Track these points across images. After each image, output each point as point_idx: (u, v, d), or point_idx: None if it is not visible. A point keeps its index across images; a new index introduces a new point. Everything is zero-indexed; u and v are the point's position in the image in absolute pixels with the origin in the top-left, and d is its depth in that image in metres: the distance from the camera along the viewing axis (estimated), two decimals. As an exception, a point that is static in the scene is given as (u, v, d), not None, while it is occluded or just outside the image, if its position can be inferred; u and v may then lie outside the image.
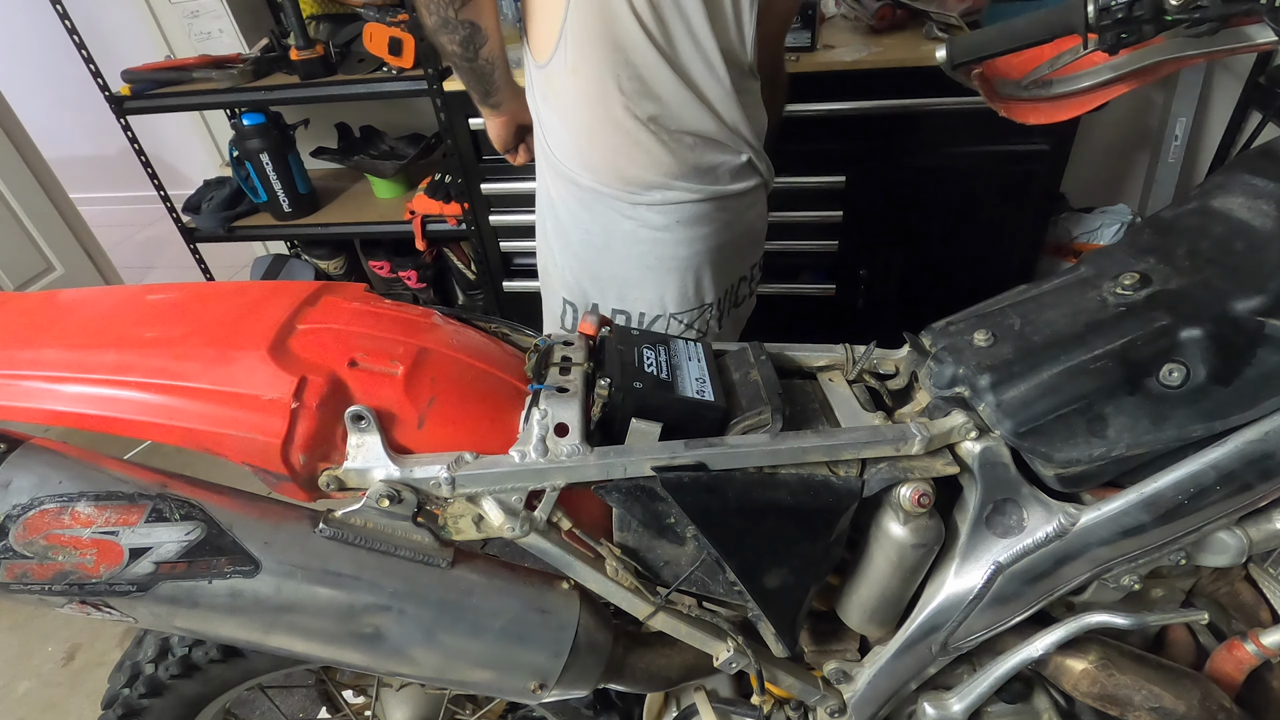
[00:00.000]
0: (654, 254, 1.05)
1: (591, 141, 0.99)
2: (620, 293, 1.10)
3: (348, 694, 1.00)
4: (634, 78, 0.94)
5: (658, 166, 0.99)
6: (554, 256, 1.15)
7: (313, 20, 2.04)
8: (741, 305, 1.22)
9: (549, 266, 1.19)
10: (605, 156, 0.99)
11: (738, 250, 1.12)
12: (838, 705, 0.76)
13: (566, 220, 1.09)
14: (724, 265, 1.10)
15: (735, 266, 1.14)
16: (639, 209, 1.02)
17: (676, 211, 1.02)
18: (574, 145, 1.01)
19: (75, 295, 0.62)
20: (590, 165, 1.00)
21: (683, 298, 1.09)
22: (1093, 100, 0.76)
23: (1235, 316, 0.56)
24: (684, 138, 0.98)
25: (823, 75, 1.67)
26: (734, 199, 1.06)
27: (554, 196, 1.09)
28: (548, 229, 1.15)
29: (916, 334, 0.70)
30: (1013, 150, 1.73)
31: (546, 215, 1.14)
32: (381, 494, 0.56)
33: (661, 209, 1.02)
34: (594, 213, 1.04)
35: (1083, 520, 0.61)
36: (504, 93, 1.10)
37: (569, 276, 1.14)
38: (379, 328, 0.61)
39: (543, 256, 1.20)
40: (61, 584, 0.53)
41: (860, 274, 1.97)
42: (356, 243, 2.59)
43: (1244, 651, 0.69)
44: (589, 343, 0.69)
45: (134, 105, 2.12)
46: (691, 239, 1.04)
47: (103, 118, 2.22)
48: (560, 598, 0.67)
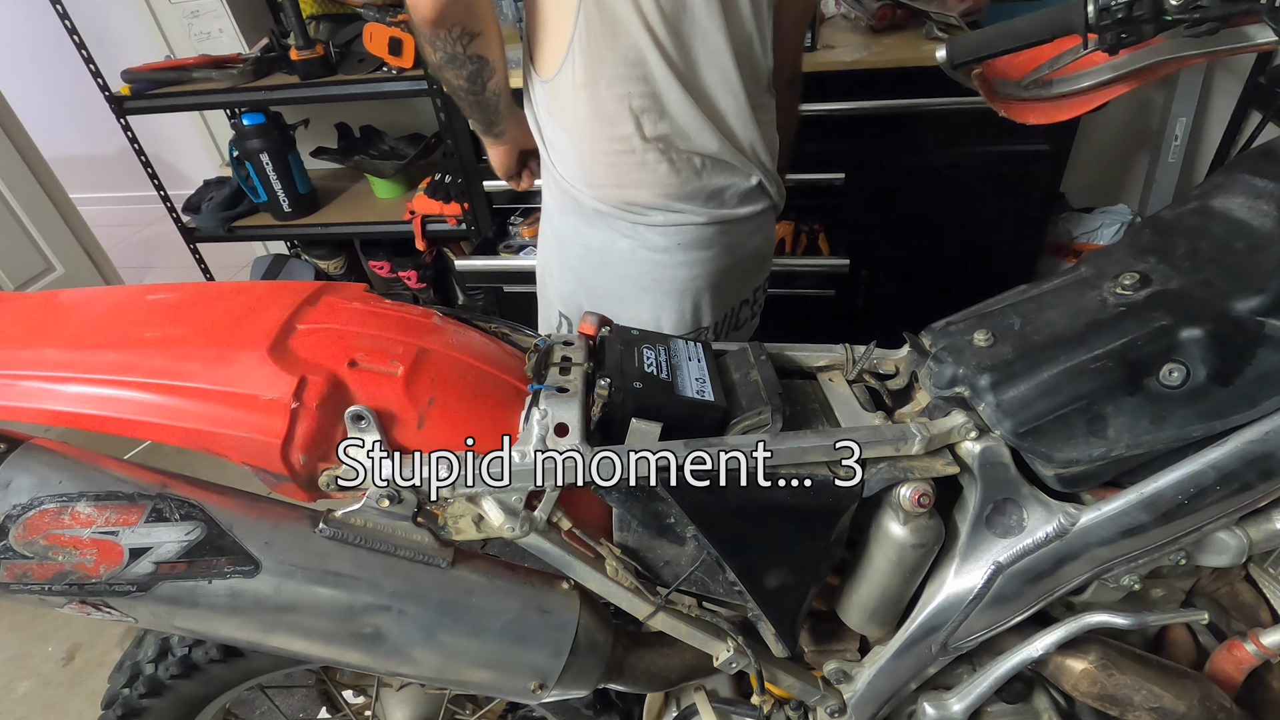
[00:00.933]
0: (651, 275, 1.02)
1: (595, 158, 0.96)
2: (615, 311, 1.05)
3: (348, 694, 1.00)
4: (646, 95, 0.91)
5: (663, 187, 0.96)
6: (551, 268, 1.14)
7: (313, 20, 2.04)
8: (742, 328, 1.19)
9: (546, 277, 1.17)
10: (608, 175, 0.96)
11: (740, 274, 1.09)
12: (838, 705, 0.76)
13: (565, 233, 1.07)
14: (724, 289, 1.07)
15: (736, 290, 1.11)
16: (639, 229, 0.99)
17: (679, 234, 0.99)
18: (577, 161, 0.98)
19: (75, 295, 0.62)
20: (592, 182, 0.98)
21: (679, 320, 1.06)
22: (1093, 100, 0.76)
23: (1235, 316, 0.56)
24: (693, 159, 0.96)
25: (823, 75, 1.67)
26: (739, 223, 1.03)
27: (553, 209, 1.08)
28: (547, 239, 1.14)
29: (916, 334, 0.70)
30: (1013, 150, 1.73)
31: (546, 226, 1.13)
32: (381, 494, 0.56)
33: (663, 230, 0.99)
34: (594, 229, 1.02)
35: (1083, 520, 0.61)
36: (507, 121, 1.07)
37: (565, 289, 1.12)
38: (379, 328, 0.61)
39: (541, 266, 1.19)
40: (61, 584, 0.53)
41: (860, 274, 1.97)
42: (356, 243, 2.59)
43: (1244, 651, 0.69)
44: (589, 343, 0.69)
45: (134, 105, 2.12)
46: (692, 262, 1.01)
47: (103, 118, 2.22)
48: (560, 598, 0.67)
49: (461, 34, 0.88)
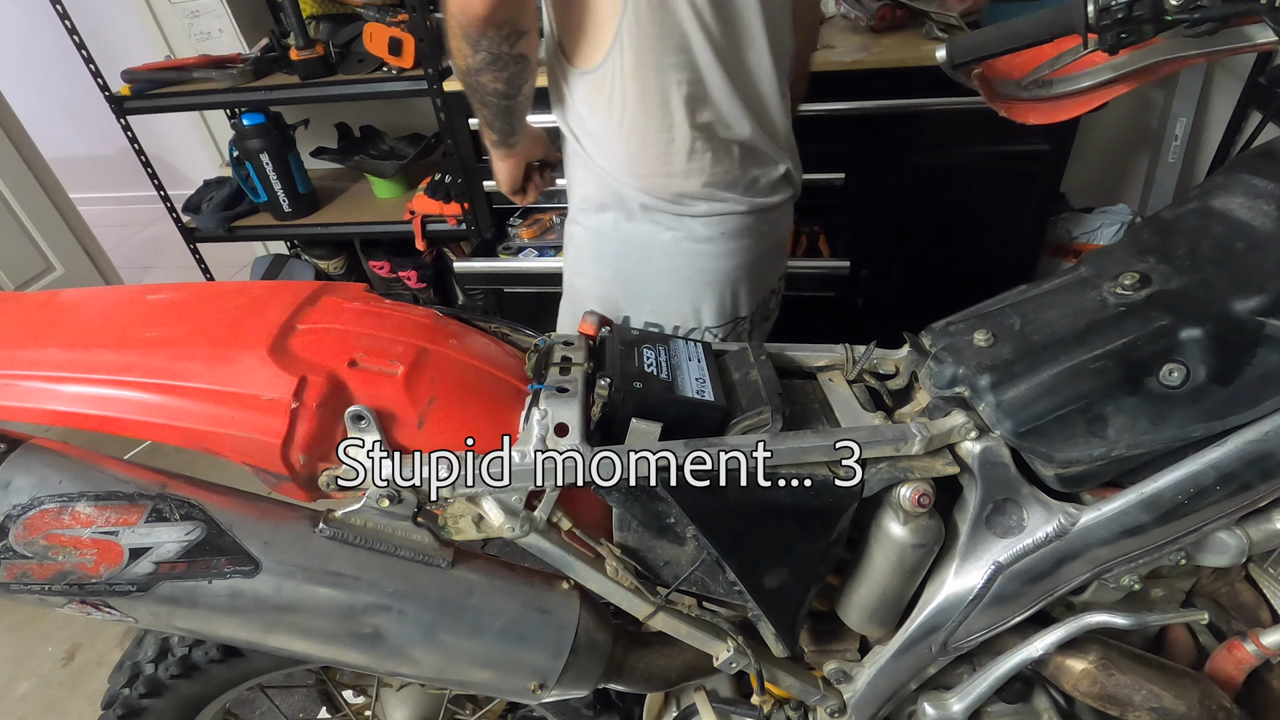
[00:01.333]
0: (693, 266, 1.03)
1: (644, 148, 0.95)
2: (654, 306, 1.07)
3: (348, 694, 1.00)
4: (693, 82, 0.91)
5: (708, 176, 0.96)
6: (583, 267, 1.12)
7: (313, 20, 2.04)
8: (770, 319, 1.20)
9: (576, 280, 1.15)
10: (656, 165, 0.96)
11: (769, 262, 1.10)
12: (838, 705, 0.76)
13: (604, 230, 1.05)
14: (758, 278, 1.08)
15: (766, 279, 1.12)
16: (683, 220, 0.99)
17: (721, 223, 1.00)
18: (624, 153, 0.97)
19: (75, 295, 0.62)
20: (639, 173, 0.97)
21: (720, 310, 1.06)
22: (1093, 100, 0.76)
23: (1235, 316, 0.56)
24: (732, 147, 0.96)
25: (822, 75, 1.66)
26: (770, 211, 1.04)
27: (588, 206, 1.06)
28: (579, 239, 1.11)
29: (916, 334, 0.70)
30: (1013, 150, 1.73)
31: (577, 226, 1.11)
32: (381, 494, 0.56)
33: (706, 220, 0.99)
34: (635, 223, 1.02)
35: (1083, 520, 0.61)
36: (523, 130, 1.04)
37: (599, 288, 1.10)
38: (379, 328, 0.61)
39: (572, 267, 1.16)
40: (61, 584, 0.53)
41: (860, 274, 1.97)
42: (356, 243, 2.59)
43: (1244, 651, 0.69)
44: (589, 343, 0.69)
45: (134, 105, 2.12)
46: (733, 251, 1.02)
47: (103, 118, 2.22)
48: (560, 598, 0.67)
49: (510, 32, 0.86)
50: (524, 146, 1.08)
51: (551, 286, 1.92)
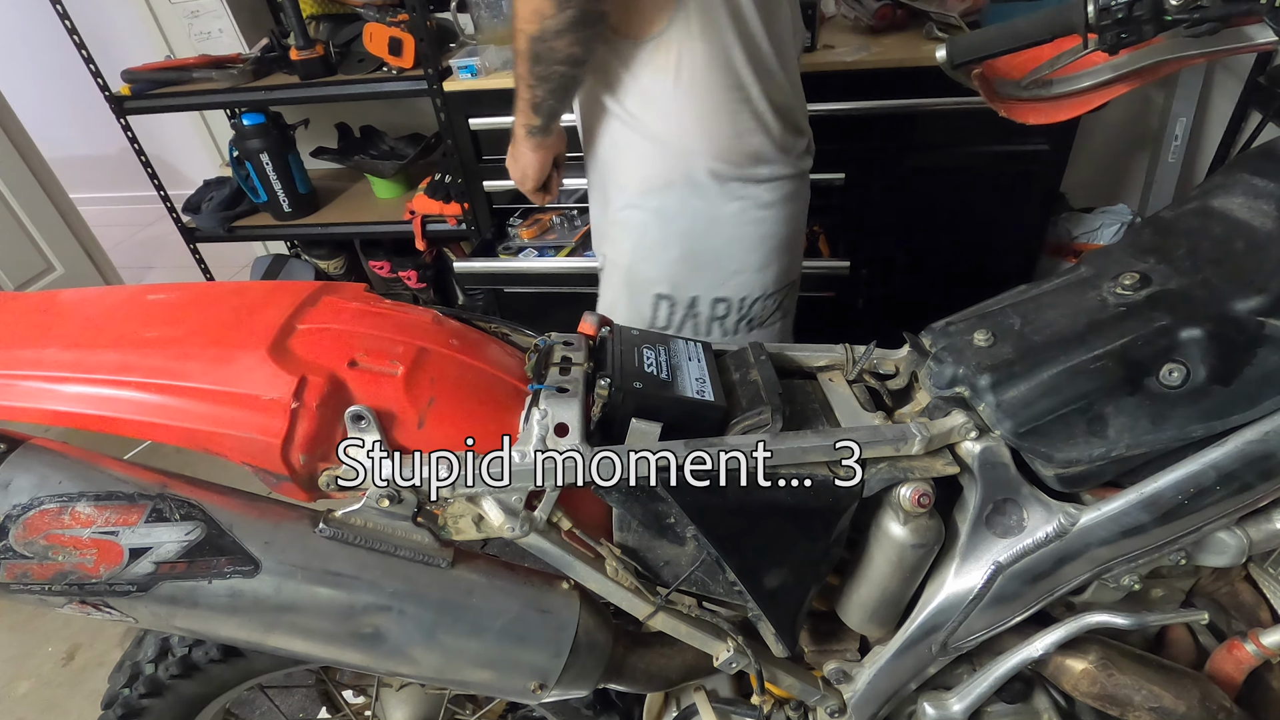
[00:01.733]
0: (758, 233, 1.05)
1: (716, 110, 0.96)
2: (722, 279, 1.08)
3: (348, 694, 1.00)
4: (747, 47, 0.94)
5: (768, 139, 0.99)
6: (643, 252, 1.09)
7: (313, 20, 2.04)
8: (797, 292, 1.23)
9: (640, 266, 1.11)
10: (728, 127, 0.97)
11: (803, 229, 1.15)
12: (838, 705, 0.76)
13: (669, 209, 1.04)
14: (800, 244, 1.14)
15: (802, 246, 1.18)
16: (749, 186, 1.02)
17: (780, 187, 1.03)
18: (693, 115, 0.96)
19: (75, 295, 0.62)
20: (710, 133, 0.97)
21: (781, 275, 1.10)
22: (1093, 100, 0.76)
23: (1235, 316, 0.56)
24: (781, 110, 1.00)
25: (822, 75, 1.67)
26: (805, 178, 1.08)
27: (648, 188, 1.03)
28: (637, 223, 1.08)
29: (916, 334, 0.70)
30: (1013, 150, 1.73)
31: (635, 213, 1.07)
32: (381, 494, 0.56)
33: (769, 185, 1.03)
34: (701, 198, 1.02)
35: (1083, 520, 0.61)
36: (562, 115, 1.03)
37: (664, 270, 1.09)
38: (379, 328, 0.61)
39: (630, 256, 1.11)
40: (61, 584, 0.53)
41: (860, 274, 1.97)
42: (356, 243, 2.59)
43: (1244, 651, 0.69)
44: (589, 343, 0.69)
45: (134, 105, 2.12)
46: (790, 216, 1.06)
47: (103, 118, 2.22)
48: (560, 598, 0.67)
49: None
50: (556, 137, 1.07)
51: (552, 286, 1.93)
